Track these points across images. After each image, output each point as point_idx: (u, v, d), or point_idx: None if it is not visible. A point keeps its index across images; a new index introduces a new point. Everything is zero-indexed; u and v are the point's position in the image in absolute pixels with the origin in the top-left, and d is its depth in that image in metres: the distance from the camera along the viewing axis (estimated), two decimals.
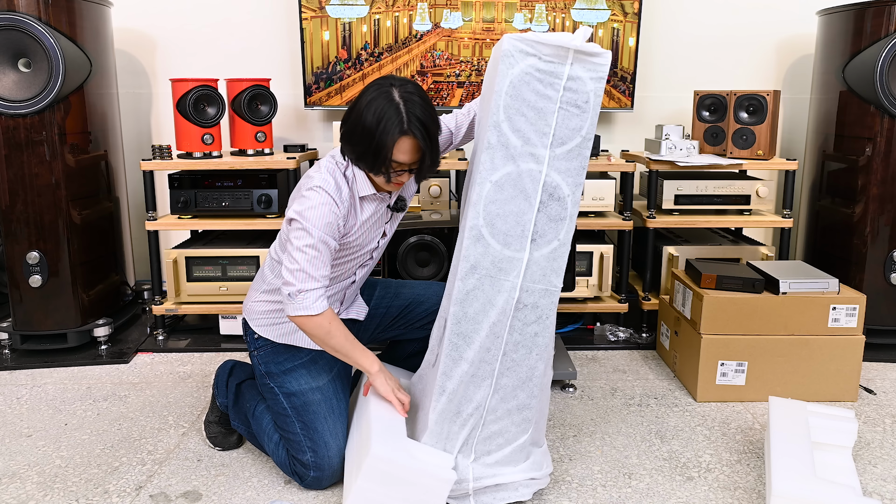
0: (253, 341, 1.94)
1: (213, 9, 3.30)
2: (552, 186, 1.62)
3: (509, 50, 1.58)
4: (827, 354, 2.32)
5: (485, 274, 1.63)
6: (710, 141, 2.95)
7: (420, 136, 1.65)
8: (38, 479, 1.89)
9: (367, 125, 1.64)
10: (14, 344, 2.75)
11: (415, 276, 2.33)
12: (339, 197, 1.72)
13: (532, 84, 1.59)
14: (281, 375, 1.87)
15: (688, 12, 3.33)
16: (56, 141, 2.61)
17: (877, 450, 2.06)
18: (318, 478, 1.79)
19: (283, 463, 1.86)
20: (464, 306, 1.65)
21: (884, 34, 2.64)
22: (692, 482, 1.88)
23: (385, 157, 1.65)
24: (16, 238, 2.65)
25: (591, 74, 1.60)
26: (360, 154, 1.68)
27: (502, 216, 1.62)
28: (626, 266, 2.90)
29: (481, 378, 1.67)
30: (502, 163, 1.61)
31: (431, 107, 1.69)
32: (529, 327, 1.66)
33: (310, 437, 1.80)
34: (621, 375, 2.58)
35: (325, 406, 1.84)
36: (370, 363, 1.79)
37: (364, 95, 1.68)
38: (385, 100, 1.64)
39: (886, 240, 2.74)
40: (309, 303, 1.70)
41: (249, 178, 2.84)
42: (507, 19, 3.09)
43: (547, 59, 1.58)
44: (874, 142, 2.70)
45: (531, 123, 1.60)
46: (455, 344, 1.66)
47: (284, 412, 1.84)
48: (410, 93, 1.66)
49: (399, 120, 1.63)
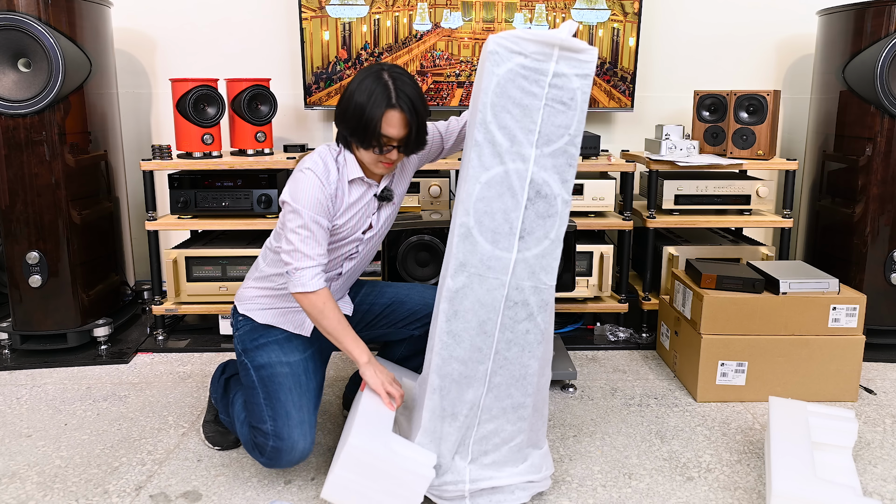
0: (236, 322, 1.96)
1: (213, 9, 3.30)
2: (539, 184, 1.62)
3: (495, 49, 1.59)
4: (827, 354, 2.32)
5: (474, 272, 1.64)
6: (710, 141, 2.95)
7: (407, 109, 1.72)
8: (38, 479, 1.89)
9: (357, 102, 1.73)
10: (14, 344, 2.75)
11: (415, 276, 2.33)
12: (327, 178, 1.78)
13: (518, 81, 1.59)
14: (254, 350, 1.89)
15: (688, 12, 3.33)
16: (56, 141, 2.61)
17: (877, 450, 2.05)
18: (276, 448, 1.76)
19: (247, 441, 1.86)
20: (453, 304, 1.65)
21: (884, 34, 2.64)
22: (692, 482, 1.88)
23: (374, 129, 1.72)
24: (16, 238, 2.65)
25: (576, 71, 1.60)
26: (352, 129, 1.76)
27: (490, 214, 1.62)
28: (626, 266, 2.90)
29: (474, 376, 1.67)
30: (490, 160, 1.62)
31: (419, 87, 1.78)
32: (520, 325, 1.66)
33: (271, 406, 1.80)
34: (621, 375, 2.58)
35: (291, 379, 1.84)
36: (359, 353, 1.80)
37: (355, 78, 1.78)
38: (374, 79, 1.74)
39: (886, 240, 2.74)
40: (305, 280, 1.75)
41: (249, 178, 2.84)
42: (507, 19, 3.09)
43: (532, 57, 1.58)
44: (874, 142, 2.70)
45: (517, 121, 1.60)
46: (445, 343, 1.67)
47: (252, 385, 1.85)
48: (399, 73, 1.76)
49: (387, 95, 1.71)
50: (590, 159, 2.87)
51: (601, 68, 3.16)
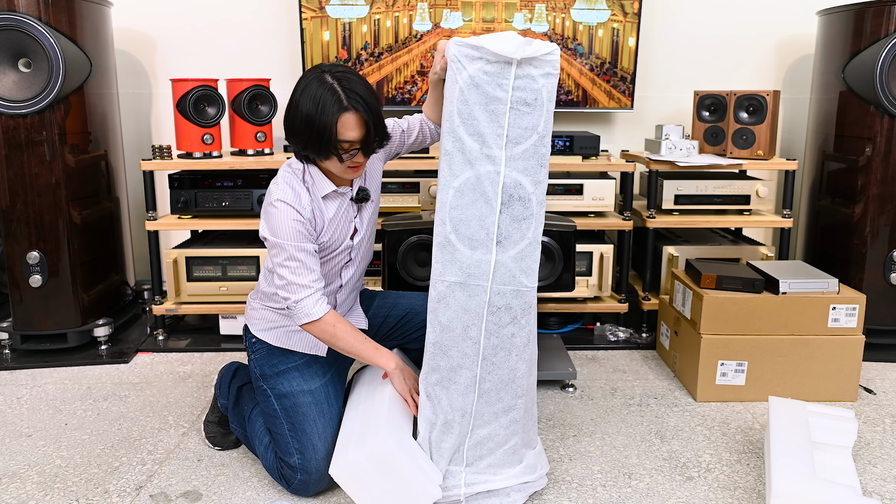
0: (251, 345, 1.94)
1: (213, 9, 3.31)
2: (512, 187, 1.62)
3: (456, 55, 1.58)
4: (827, 354, 2.32)
5: (455, 280, 1.64)
6: (710, 141, 2.95)
7: (362, 108, 1.65)
8: (39, 479, 1.90)
9: (306, 112, 1.65)
10: (14, 344, 2.75)
11: (415, 277, 2.33)
12: (300, 204, 1.74)
13: (481, 87, 1.58)
14: (274, 377, 1.87)
15: (687, 12, 3.33)
16: (56, 141, 2.61)
17: (877, 450, 2.06)
18: (304, 481, 1.77)
19: (271, 466, 1.86)
20: (437, 314, 1.65)
21: (884, 34, 2.64)
22: (692, 482, 1.88)
23: (330, 137, 1.65)
24: (16, 238, 2.65)
25: (540, 71, 1.59)
26: (304, 143, 1.69)
27: (465, 221, 1.62)
28: (626, 266, 2.90)
29: (463, 383, 1.67)
30: (460, 168, 1.61)
31: (366, 81, 1.71)
32: (505, 329, 1.66)
33: (297, 438, 1.79)
34: (621, 375, 2.58)
35: (315, 409, 1.83)
36: (386, 361, 1.80)
37: (297, 87, 1.69)
38: (318, 83, 1.66)
39: (886, 240, 2.74)
40: (308, 309, 1.73)
41: (249, 178, 2.85)
42: (506, 19, 3.09)
43: (493, 61, 1.57)
44: (874, 142, 2.70)
45: (484, 126, 1.59)
46: (432, 352, 1.67)
47: (274, 413, 1.84)
48: (343, 72, 1.68)
49: (336, 98, 1.64)
50: (590, 159, 2.87)
51: (601, 68, 3.16)
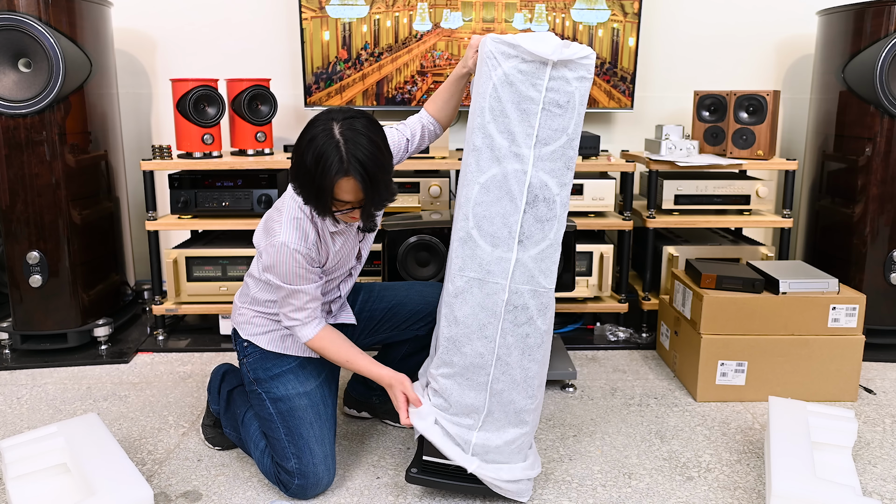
0: (242, 349, 1.92)
1: (213, 9, 3.31)
2: (538, 187, 1.62)
3: (492, 52, 1.58)
4: (827, 354, 2.32)
5: (474, 276, 1.63)
6: (710, 141, 2.95)
7: (360, 177, 1.57)
8: None
9: (307, 166, 1.58)
10: (14, 344, 2.75)
11: (415, 277, 2.33)
12: (306, 243, 1.71)
13: (515, 85, 1.58)
14: (268, 381, 1.85)
15: (687, 12, 3.33)
16: (56, 141, 2.61)
17: (877, 450, 2.06)
18: (301, 486, 1.76)
19: (268, 471, 1.85)
20: (453, 308, 1.65)
21: (884, 34, 2.64)
22: (692, 482, 1.88)
23: (326, 200, 1.60)
24: (16, 238, 2.65)
25: (574, 74, 1.59)
26: (306, 196, 1.64)
27: (489, 218, 1.62)
28: (626, 266, 2.90)
29: (476, 381, 1.67)
30: (488, 165, 1.61)
31: (376, 143, 1.60)
32: (521, 328, 1.66)
33: (294, 443, 1.78)
34: (621, 375, 2.58)
35: (311, 412, 1.82)
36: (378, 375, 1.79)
37: (305, 133, 1.62)
38: (325, 137, 1.57)
39: (886, 240, 2.74)
40: (308, 332, 1.78)
41: (249, 178, 2.85)
42: (506, 19, 3.09)
43: (529, 60, 1.57)
44: (874, 142, 2.70)
45: (515, 125, 1.60)
46: (447, 348, 1.67)
47: (270, 418, 1.83)
48: (353, 129, 1.58)
49: (338, 160, 1.56)
50: (590, 159, 2.86)
51: (601, 68, 3.16)
